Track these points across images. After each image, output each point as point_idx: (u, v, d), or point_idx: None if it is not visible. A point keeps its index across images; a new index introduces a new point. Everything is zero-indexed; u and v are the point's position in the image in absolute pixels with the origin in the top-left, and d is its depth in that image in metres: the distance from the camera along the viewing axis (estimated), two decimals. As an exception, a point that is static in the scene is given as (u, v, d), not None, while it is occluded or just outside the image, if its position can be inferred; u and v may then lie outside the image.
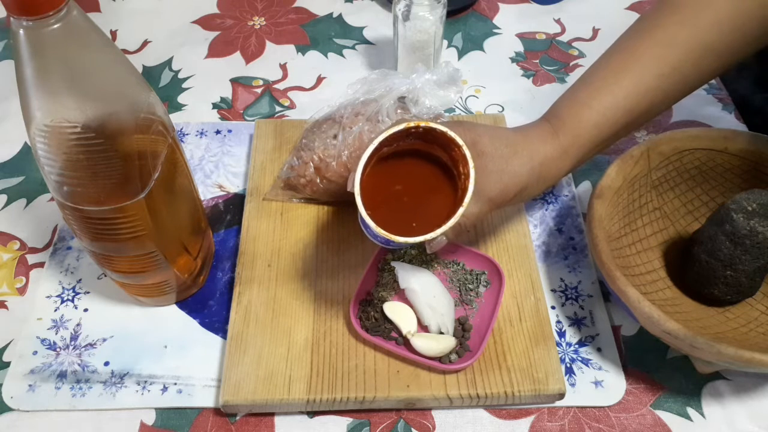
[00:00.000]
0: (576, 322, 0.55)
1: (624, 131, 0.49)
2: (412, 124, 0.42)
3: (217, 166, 0.66)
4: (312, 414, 0.50)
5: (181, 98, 0.73)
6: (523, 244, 0.58)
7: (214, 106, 0.73)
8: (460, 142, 0.42)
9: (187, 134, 0.69)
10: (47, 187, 0.51)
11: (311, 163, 0.58)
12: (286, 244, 0.57)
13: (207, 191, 0.64)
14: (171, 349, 0.53)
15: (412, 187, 0.45)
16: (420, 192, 0.45)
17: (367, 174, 0.44)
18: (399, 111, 0.57)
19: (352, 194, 0.41)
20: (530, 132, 0.49)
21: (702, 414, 0.51)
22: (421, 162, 0.45)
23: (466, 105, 0.73)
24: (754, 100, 0.75)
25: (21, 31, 0.34)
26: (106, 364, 0.52)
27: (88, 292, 0.56)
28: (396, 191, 0.44)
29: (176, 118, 0.71)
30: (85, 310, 0.55)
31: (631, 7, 0.85)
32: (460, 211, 0.41)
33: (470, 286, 0.54)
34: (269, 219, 0.59)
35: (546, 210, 0.63)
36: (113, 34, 0.81)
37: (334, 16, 0.84)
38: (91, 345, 0.53)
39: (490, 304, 0.53)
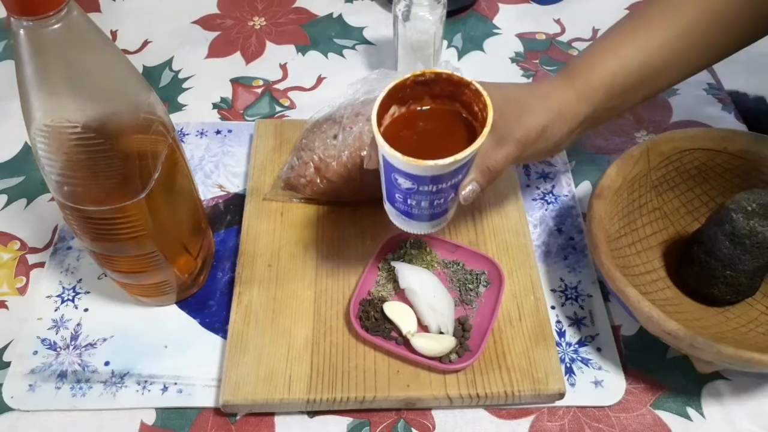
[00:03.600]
0: (576, 322, 0.55)
1: (636, 92, 0.50)
2: (417, 72, 0.42)
3: (217, 166, 0.66)
4: (312, 414, 0.50)
5: (181, 98, 0.73)
6: (523, 244, 0.58)
7: (214, 106, 0.73)
8: (469, 79, 0.41)
9: (187, 134, 0.69)
10: (47, 187, 0.51)
11: (311, 163, 0.58)
12: (286, 244, 0.57)
13: (207, 191, 0.64)
14: (171, 349, 0.53)
15: (432, 133, 0.44)
16: (440, 136, 0.44)
17: (383, 129, 0.43)
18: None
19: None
20: (542, 81, 0.51)
21: (702, 414, 0.51)
22: (437, 113, 0.45)
23: (466, 105, 0.73)
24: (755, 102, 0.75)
25: (21, 31, 0.34)
26: (107, 363, 0.52)
27: (89, 292, 0.56)
28: (415, 140, 0.44)
29: (176, 118, 0.71)
30: (86, 310, 0.55)
31: (631, 8, 0.85)
32: (486, 130, 0.40)
33: (470, 286, 0.54)
34: (269, 219, 0.59)
35: (546, 210, 0.63)
36: (113, 34, 0.81)
37: (334, 16, 0.84)
38: (92, 345, 0.53)
39: (490, 304, 0.53)
